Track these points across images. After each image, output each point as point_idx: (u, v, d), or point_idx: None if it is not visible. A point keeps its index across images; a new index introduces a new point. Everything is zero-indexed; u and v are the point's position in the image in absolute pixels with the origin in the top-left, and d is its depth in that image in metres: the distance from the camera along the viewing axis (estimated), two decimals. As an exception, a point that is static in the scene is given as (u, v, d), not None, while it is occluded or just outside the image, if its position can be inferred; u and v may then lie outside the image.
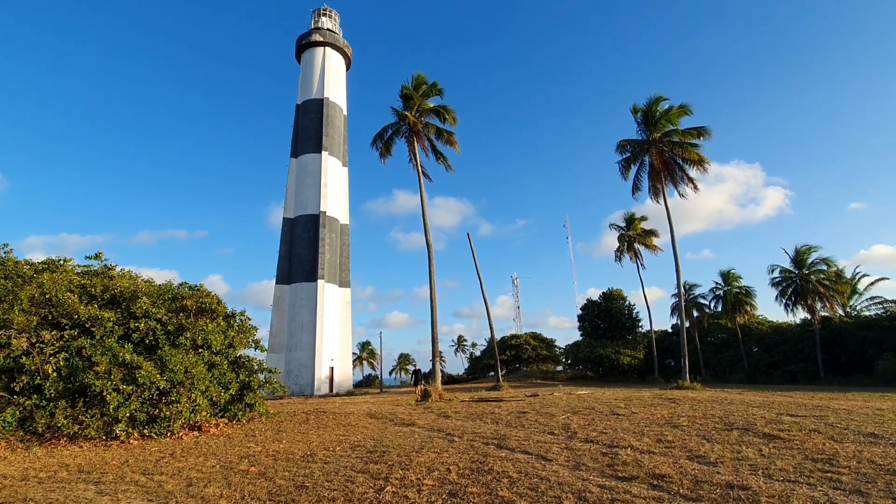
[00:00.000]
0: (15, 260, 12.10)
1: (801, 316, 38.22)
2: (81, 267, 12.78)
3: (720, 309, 43.19)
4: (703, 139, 26.34)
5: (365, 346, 77.89)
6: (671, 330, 48.08)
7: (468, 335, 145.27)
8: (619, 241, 42.43)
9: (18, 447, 8.34)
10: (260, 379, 12.45)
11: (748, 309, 40.90)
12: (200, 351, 10.80)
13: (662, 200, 26.96)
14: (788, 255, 37.56)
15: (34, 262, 12.29)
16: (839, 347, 34.42)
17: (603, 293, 47.55)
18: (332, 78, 39.47)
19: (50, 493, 5.35)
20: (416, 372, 21.63)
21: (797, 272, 36.62)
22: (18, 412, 8.89)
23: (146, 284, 12.17)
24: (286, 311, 34.75)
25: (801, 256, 36.74)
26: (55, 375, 9.01)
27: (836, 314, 36.62)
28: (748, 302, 40.91)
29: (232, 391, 11.24)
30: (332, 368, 34.10)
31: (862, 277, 38.51)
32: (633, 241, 41.75)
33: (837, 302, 35.64)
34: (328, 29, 41.09)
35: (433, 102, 24.81)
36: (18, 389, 8.97)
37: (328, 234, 35.63)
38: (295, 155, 38.31)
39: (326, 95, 38.46)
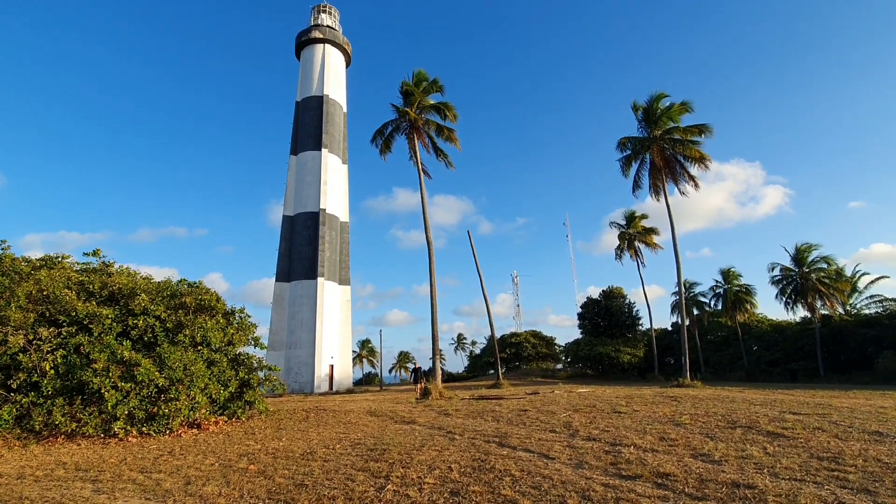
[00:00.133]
0: (12, 257, 12.01)
1: (801, 314, 38.22)
2: (80, 264, 12.71)
3: (720, 307, 43.14)
4: (704, 137, 26.21)
5: (365, 343, 77.88)
6: (671, 328, 48.05)
7: (468, 333, 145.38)
8: (619, 238, 42.34)
9: (15, 445, 8.27)
10: (259, 377, 12.40)
11: (748, 307, 40.84)
12: (199, 348, 10.74)
13: (663, 198, 26.86)
14: (789, 253, 37.53)
15: (31, 258, 12.20)
16: (839, 345, 34.40)
17: (603, 291, 47.53)
18: (331, 75, 39.31)
19: (46, 491, 5.29)
20: (415, 370, 21.58)
21: (797, 270, 36.57)
22: (15, 410, 8.83)
23: (145, 281, 12.09)
24: (286, 308, 34.68)
25: (801, 255, 36.67)
26: (52, 373, 8.94)
27: (836, 312, 36.58)
28: (748, 300, 40.85)
29: (231, 389, 11.19)
30: (331, 366, 34.06)
31: (862, 276, 38.54)
32: (633, 239, 41.66)
33: (837, 300, 35.58)
34: (328, 26, 40.91)
35: (434, 99, 24.66)
36: (15, 387, 8.91)
37: (328, 231, 35.54)
38: (294, 152, 38.18)
39: (326, 92, 38.31)
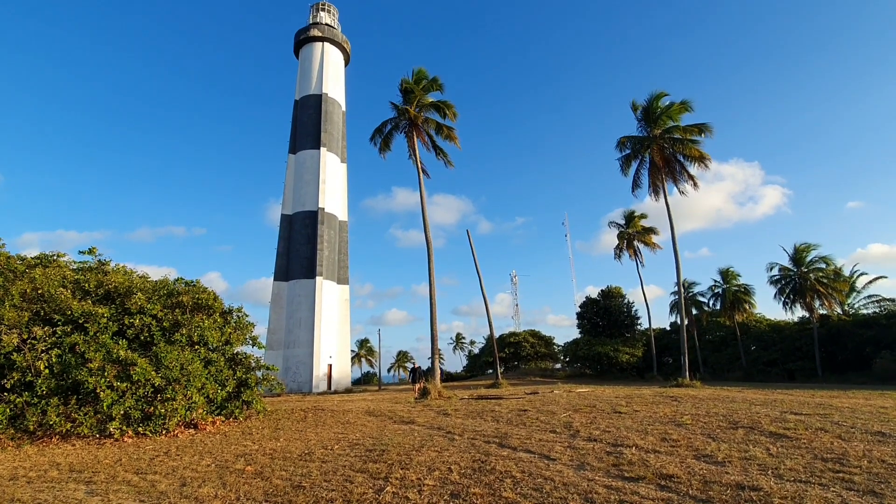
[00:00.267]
0: (7, 255, 11.89)
1: (799, 314, 38.29)
2: (77, 263, 12.58)
3: (719, 307, 43.16)
4: (704, 136, 26.15)
5: (363, 343, 77.74)
6: (669, 328, 48.08)
7: (466, 333, 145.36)
8: (618, 238, 42.31)
9: (9, 445, 8.17)
10: (257, 376, 12.30)
11: (747, 307, 40.85)
12: (197, 348, 10.64)
13: (663, 198, 26.81)
14: (787, 253, 37.57)
15: (27, 257, 12.08)
16: (837, 345, 34.44)
17: (602, 291, 47.54)
18: (330, 73, 39.17)
19: (39, 493, 5.19)
20: (414, 369, 21.40)
21: (796, 270, 36.61)
22: (9, 410, 8.71)
23: (141, 280, 11.97)
24: (284, 307, 34.55)
25: (799, 254, 36.70)
26: (47, 372, 8.83)
27: (834, 312, 36.61)
28: (747, 300, 40.87)
29: (229, 388, 11.09)
30: (330, 366, 33.96)
31: (860, 276, 38.62)
32: (632, 238, 41.64)
33: (836, 300, 35.61)
34: (327, 24, 40.77)
35: (433, 97, 24.54)
36: (9, 386, 8.79)
37: (326, 230, 35.41)
38: (293, 151, 38.03)
39: (325, 91, 38.17)
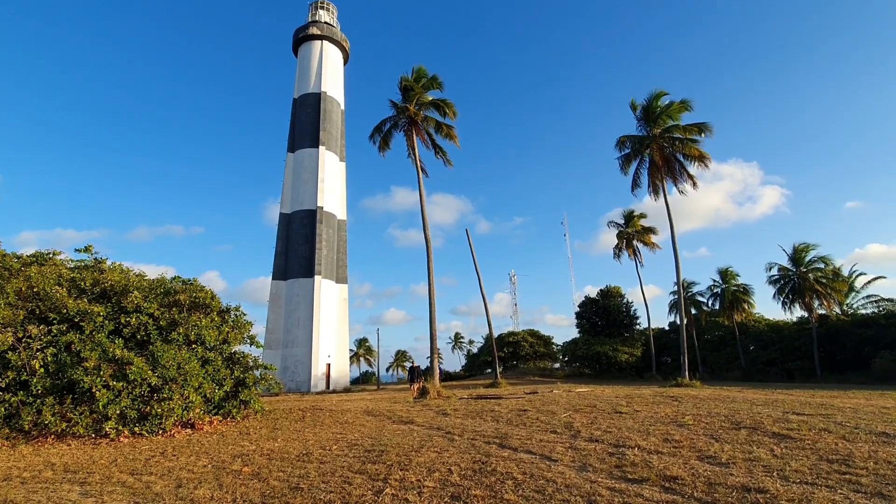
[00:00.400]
0: (3, 253, 11.76)
1: (798, 314, 38.32)
2: (75, 262, 12.44)
3: (718, 307, 43.17)
4: (704, 136, 26.10)
5: (362, 342, 77.73)
6: (668, 327, 48.10)
7: (465, 332, 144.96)
8: (617, 238, 42.25)
9: (3, 445, 8.06)
10: (255, 375, 12.19)
11: (746, 307, 40.87)
12: (194, 347, 10.53)
13: (662, 197, 26.75)
14: (786, 252, 37.58)
15: (22, 255, 11.95)
16: (835, 345, 34.45)
17: (601, 290, 47.51)
18: (329, 72, 39.02)
19: (32, 493, 5.10)
20: (412, 369, 21.20)
21: (795, 270, 36.61)
22: (4, 409, 8.60)
23: (138, 278, 11.86)
24: (283, 307, 34.43)
25: (798, 254, 36.71)
26: (42, 371, 8.72)
27: (832, 312, 36.64)
28: (746, 300, 40.89)
29: (226, 388, 10.99)
30: (328, 365, 33.86)
31: (859, 276, 38.66)
32: (631, 238, 41.59)
33: (834, 300, 35.63)
34: (326, 22, 40.63)
35: (433, 96, 24.43)
36: (4, 386, 8.68)
37: (325, 229, 35.30)
38: (292, 150, 37.90)
39: (324, 90, 38.04)
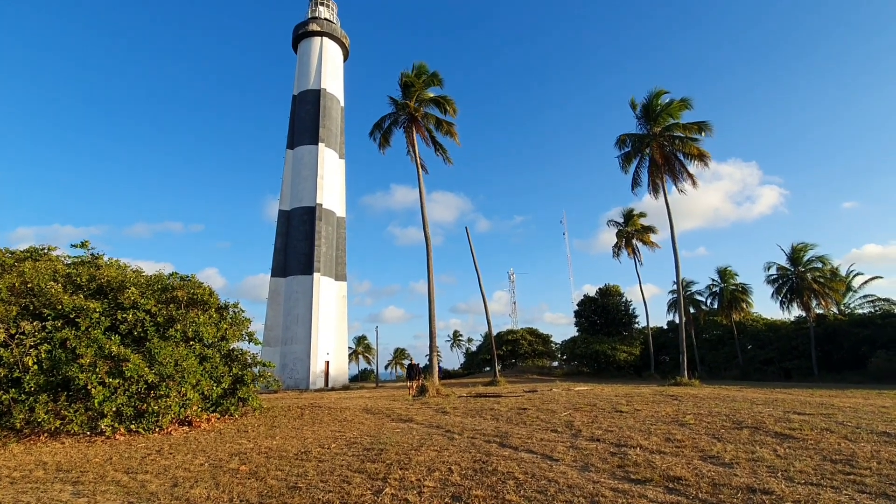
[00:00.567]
0: (-3, 248, 11.62)
1: (795, 313, 38.37)
2: (72, 258, 12.29)
3: (716, 306, 43.22)
4: (704, 135, 26.04)
5: (361, 340, 77.66)
6: (667, 326, 48.13)
7: (464, 330, 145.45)
8: (617, 237, 42.24)
9: (-4, 443, 7.96)
10: (254, 373, 12.10)
11: (744, 306, 40.93)
12: (191, 343, 10.43)
13: (662, 196, 26.69)
14: (785, 252, 37.60)
15: (16, 250, 11.80)
16: (833, 345, 34.50)
17: (600, 289, 47.57)
18: (329, 68, 38.80)
19: (21, 494, 5.00)
20: (410, 366, 20.93)
21: (793, 270, 36.64)
22: (-5, 406, 8.50)
23: (135, 274, 11.73)
24: (282, 304, 34.31)
25: (797, 254, 36.73)
26: (36, 368, 8.60)
27: (830, 312, 36.71)
28: (744, 299, 40.94)
29: (224, 385, 10.89)
30: (327, 363, 33.78)
31: (856, 276, 38.75)
32: (631, 237, 41.57)
33: (832, 300, 35.70)
34: (325, 18, 40.36)
35: (433, 92, 24.29)
36: (-4, 383, 8.58)
37: (324, 226, 35.16)
38: (291, 146, 37.70)
39: (323, 86, 37.82)
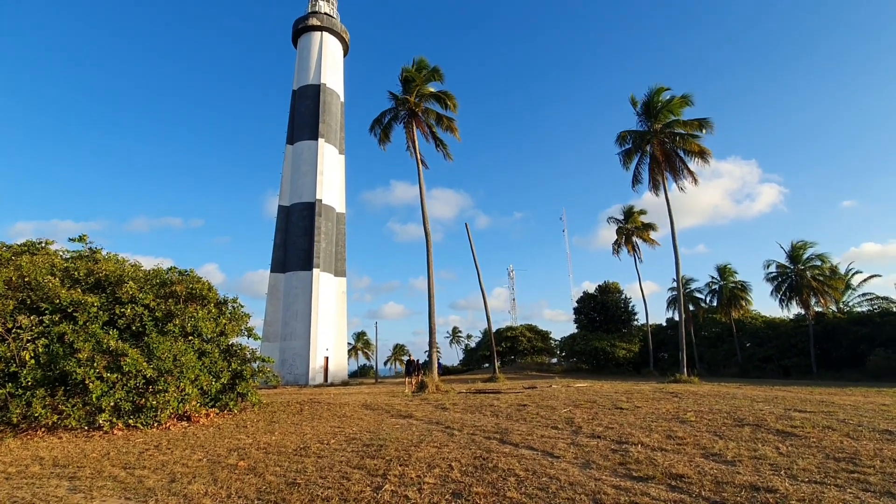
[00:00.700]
0: (-7, 242, 11.53)
1: (794, 311, 38.41)
2: (71, 252, 12.20)
3: (715, 303, 43.24)
4: (704, 132, 25.91)
5: (360, 336, 77.77)
6: (666, 324, 48.15)
7: (463, 327, 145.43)
8: (617, 234, 42.15)
9: (-6, 437, 7.92)
10: (253, 368, 12.06)
11: (743, 304, 40.96)
12: (190, 338, 10.39)
13: (663, 193, 26.57)
14: (784, 250, 37.58)
15: (13, 244, 11.72)
16: (832, 343, 34.55)
17: (599, 286, 47.56)
18: (329, 63, 38.56)
19: (17, 490, 4.95)
20: (409, 362, 20.80)
21: (793, 268, 36.63)
22: (-7, 401, 8.44)
23: (133, 269, 11.66)
24: (281, 299, 34.26)
25: (796, 252, 36.72)
26: (33, 363, 8.55)
27: (829, 310, 36.75)
28: (743, 297, 40.95)
29: (223, 380, 10.86)
30: (326, 358, 33.77)
31: (855, 274, 38.80)
32: (631, 234, 41.49)
33: (831, 298, 35.71)
34: (325, 13, 40.06)
35: (434, 87, 24.12)
36: (-6, 377, 8.52)
37: (324, 222, 35.05)
38: (291, 142, 37.52)
39: (323, 81, 37.59)
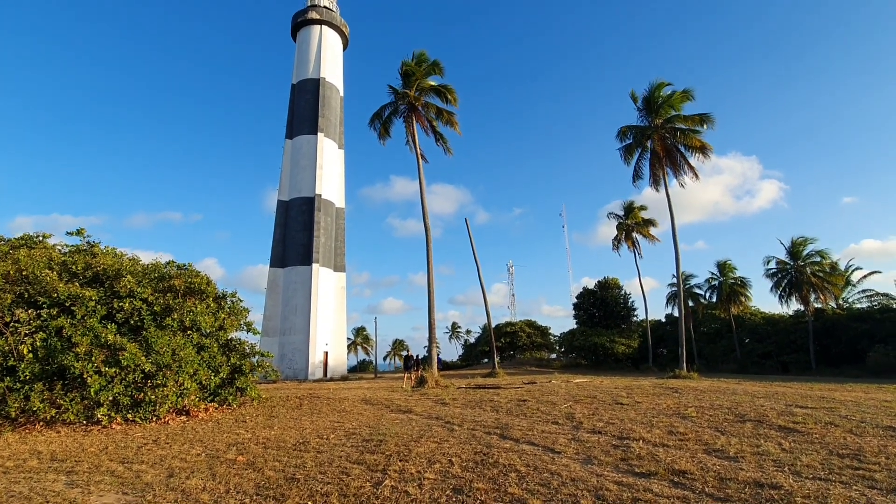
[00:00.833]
0: (-10, 235, 11.45)
1: (794, 307, 38.42)
2: (70, 247, 12.10)
3: (715, 299, 43.25)
4: (705, 127, 25.76)
5: (360, 331, 77.85)
6: (665, 319, 48.20)
7: (462, 322, 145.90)
8: (617, 229, 42.08)
9: (-9, 432, 7.88)
10: (252, 363, 12.02)
11: (742, 300, 40.97)
12: (189, 333, 10.33)
13: (663, 188, 26.49)
14: (784, 246, 37.55)
15: (10, 238, 11.64)
16: (831, 339, 34.58)
17: (599, 282, 47.52)
18: (328, 57, 38.26)
19: (14, 484, 4.90)
20: (407, 357, 20.75)
21: (793, 264, 36.61)
22: (-9, 395, 8.39)
23: (131, 263, 11.58)
24: (280, 294, 34.21)
25: (796, 248, 36.69)
26: (31, 357, 8.50)
27: (828, 306, 36.75)
28: (743, 293, 40.96)
29: (222, 375, 10.81)
30: (326, 353, 33.78)
31: (855, 270, 38.76)
32: (631, 230, 41.42)
33: (831, 294, 35.70)
34: (325, 6, 39.70)
35: (434, 81, 23.91)
36: (-9, 371, 8.47)
37: (323, 217, 34.93)
38: (290, 136, 37.31)
39: (323, 75, 37.31)
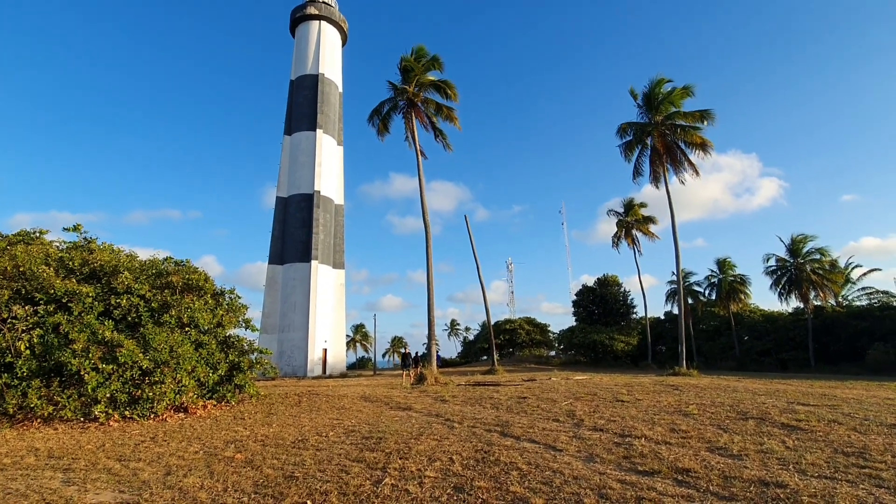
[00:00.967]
0: (-13, 231, 11.35)
1: (794, 305, 38.46)
2: (66, 243, 11.99)
3: (714, 297, 43.28)
4: (706, 123, 25.66)
5: (359, 328, 77.87)
6: (664, 317, 48.25)
7: (461, 319, 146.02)
8: (617, 226, 42.05)
9: (-12, 428, 7.81)
10: (250, 359, 11.96)
11: (742, 297, 41.00)
12: (187, 330, 10.26)
13: (664, 185, 26.40)
14: (784, 243, 37.54)
15: (7, 235, 11.53)
16: (831, 336, 34.62)
17: (598, 279, 47.57)
18: (327, 53, 38.02)
19: (11, 481, 4.84)
20: (405, 355, 20.62)
21: (792, 261, 36.62)
22: (-12, 391, 8.32)
23: (128, 259, 11.50)
24: (279, 291, 34.12)
25: (796, 245, 36.68)
26: (28, 353, 8.43)
27: (828, 304, 36.78)
28: (742, 290, 40.99)
29: (221, 372, 10.75)
30: (325, 350, 33.74)
31: (854, 268, 38.78)
32: (631, 227, 41.39)
33: (830, 291, 35.72)
34: (323, 2, 39.40)
35: (434, 76, 23.77)
36: (-12, 367, 8.39)
37: (322, 214, 34.81)
38: (289, 132, 37.12)
39: (321, 71, 37.10)
